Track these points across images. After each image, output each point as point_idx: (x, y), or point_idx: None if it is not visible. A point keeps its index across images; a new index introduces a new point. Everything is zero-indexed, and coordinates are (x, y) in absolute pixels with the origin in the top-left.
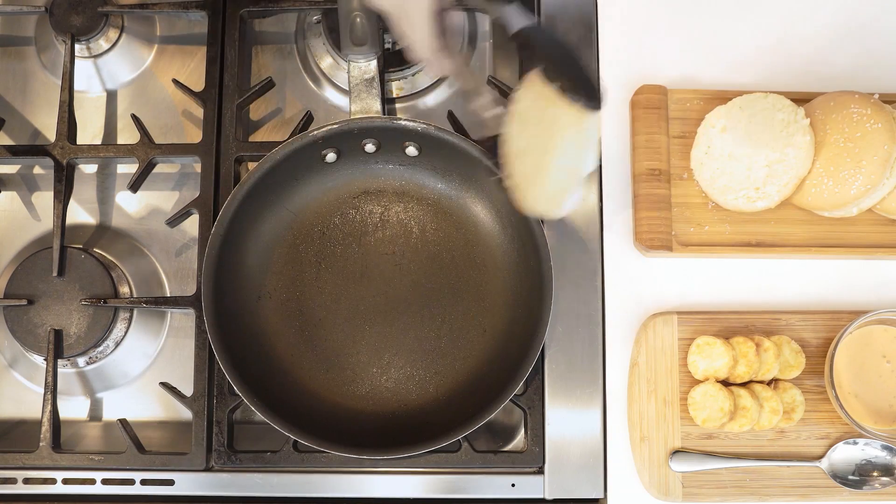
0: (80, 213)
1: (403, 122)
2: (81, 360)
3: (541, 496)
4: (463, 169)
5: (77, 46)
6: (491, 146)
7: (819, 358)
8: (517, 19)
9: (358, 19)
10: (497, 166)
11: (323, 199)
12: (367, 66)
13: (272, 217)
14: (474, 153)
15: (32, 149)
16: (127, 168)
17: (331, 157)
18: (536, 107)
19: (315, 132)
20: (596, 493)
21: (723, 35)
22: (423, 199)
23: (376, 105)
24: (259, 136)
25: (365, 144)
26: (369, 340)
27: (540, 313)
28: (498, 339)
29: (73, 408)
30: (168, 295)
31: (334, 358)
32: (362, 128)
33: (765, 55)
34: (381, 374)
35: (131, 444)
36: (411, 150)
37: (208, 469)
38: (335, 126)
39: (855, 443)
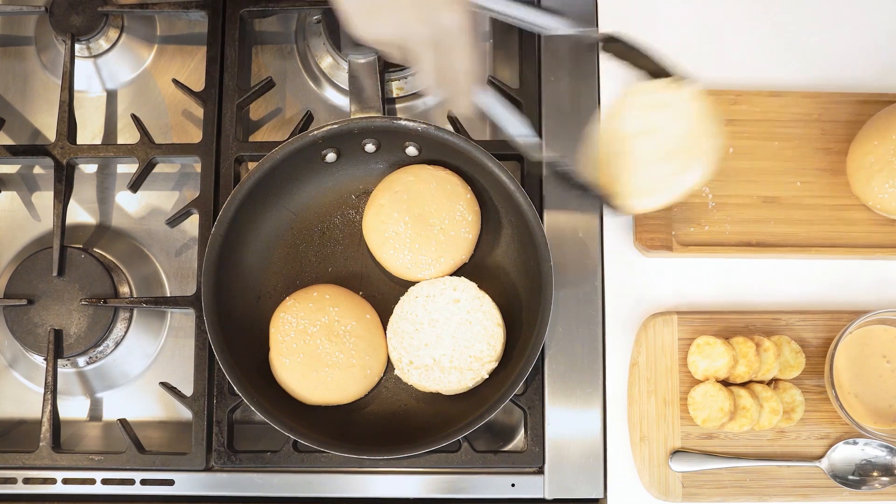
0: (80, 213)
1: (403, 122)
2: (81, 360)
3: (541, 496)
4: (463, 169)
5: (77, 46)
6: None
7: (819, 358)
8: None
9: None
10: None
11: (323, 199)
12: (367, 65)
13: (272, 217)
14: (475, 153)
15: (32, 149)
16: (127, 168)
17: (331, 156)
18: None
19: (315, 132)
20: (596, 493)
21: (723, 34)
22: None
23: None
24: (259, 136)
25: (365, 144)
26: None
27: (540, 314)
28: None
29: (73, 408)
30: (168, 295)
31: None
32: (362, 127)
33: (765, 54)
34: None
35: (131, 444)
36: (411, 150)
37: (208, 469)
38: (335, 126)
39: (855, 443)
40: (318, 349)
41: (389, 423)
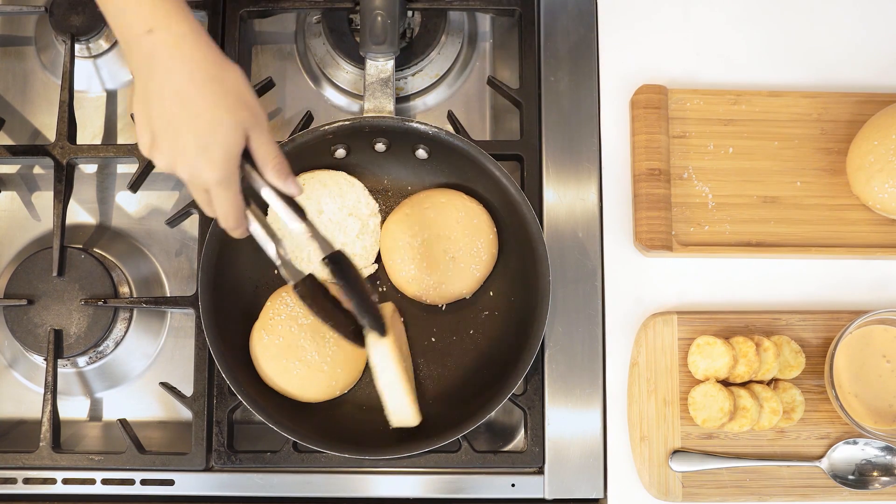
0: (80, 213)
1: (415, 125)
2: (81, 360)
3: (541, 496)
4: (470, 175)
5: (77, 46)
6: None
7: (819, 358)
8: None
9: (379, 18)
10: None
11: None
12: (385, 65)
13: None
14: (485, 162)
15: (32, 149)
16: (127, 168)
17: (340, 152)
18: None
19: (326, 127)
20: (596, 493)
21: (723, 35)
22: None
23: (389, 105)
24: None
25: (375, 143)
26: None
27: (538, 310)
28: (495, 342)
29: (73, 408)
30: (168, 295)
31: None
32: (374, 126)
33: (765, 54)
34: None
35: (131, 444)
36: (421, 153)
37: (208, 469)
38: (346, 122)
39: (855, 443)
40: (298, 341)
41: (387, 423)
